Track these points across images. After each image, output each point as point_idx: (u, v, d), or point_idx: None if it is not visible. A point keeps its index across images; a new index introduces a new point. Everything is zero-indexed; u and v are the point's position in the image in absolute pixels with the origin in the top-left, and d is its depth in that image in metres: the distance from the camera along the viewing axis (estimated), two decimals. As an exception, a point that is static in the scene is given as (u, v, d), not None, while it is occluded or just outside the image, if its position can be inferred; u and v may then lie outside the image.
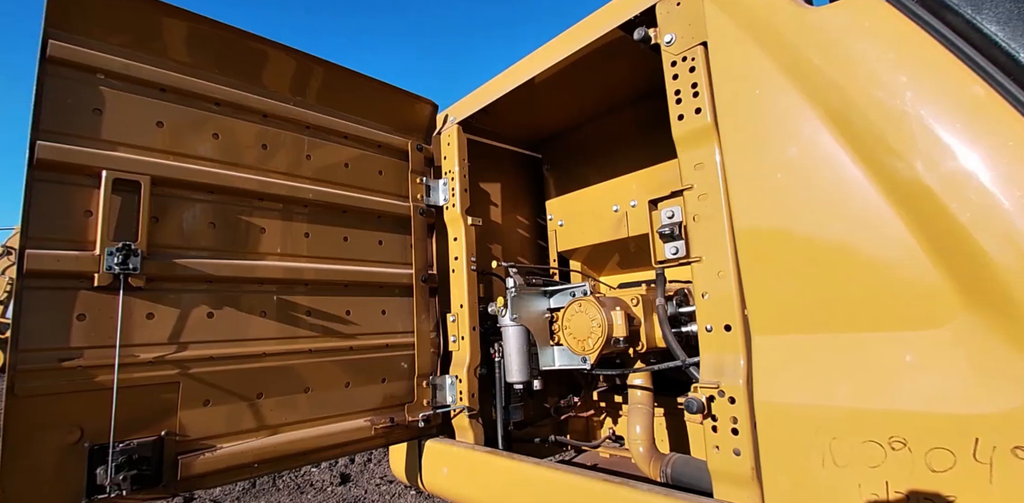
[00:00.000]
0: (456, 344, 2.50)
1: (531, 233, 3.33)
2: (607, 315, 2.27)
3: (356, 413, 2.18)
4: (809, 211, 1.39)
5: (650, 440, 2.42)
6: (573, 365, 2.35)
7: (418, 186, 2.60)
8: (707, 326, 1.59)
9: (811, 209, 1.39)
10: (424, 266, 2.52)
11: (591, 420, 3.27)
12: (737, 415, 1.48)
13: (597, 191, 3.03)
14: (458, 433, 2.46)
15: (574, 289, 2.41)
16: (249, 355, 1.91)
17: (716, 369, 1.56)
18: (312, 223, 2.18)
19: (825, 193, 1.37)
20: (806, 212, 1.39)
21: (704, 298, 1.61)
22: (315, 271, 2.13)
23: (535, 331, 2.39)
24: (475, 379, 2.45)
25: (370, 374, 2.26)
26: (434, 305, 2.56)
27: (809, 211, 1.39)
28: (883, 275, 1.28)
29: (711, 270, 1.60)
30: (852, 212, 1.33)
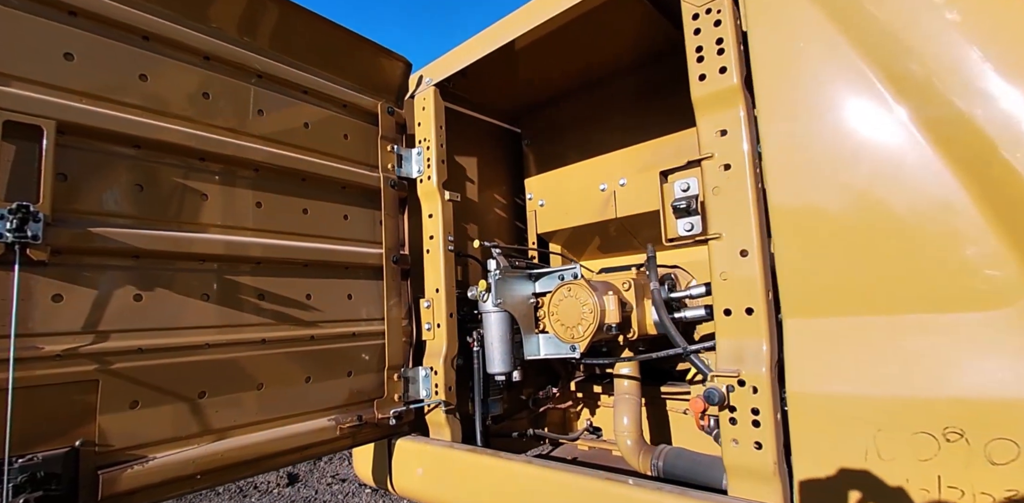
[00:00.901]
0: (431, 332, 2.25)
1: (508, 213, 3.10)
2: (599, 300, 2.08)
3: (318, 412, 1.90)
4: (862, 182, 1.22)
5: (639, 432, 2.27)
6: (560, 354, 2.15)
7: (389, 155, 2.30)
8: (725, 309, 1.42)
9: (864, 179, 1.22)
10: (395, 245, 2.25)
11: (567, 412, 3.10)
12: (759, 406, 1.32)
13: (582, 168, 2.83)
14: (433, 430, 2.22)
15: (563, 272, 2.20)
16: (188, 346, 1.59)
17: (735, 356, 1.39)
18: (265, 191, 1.86)
19: (880, 161, 1.21)
20: (858, 183, 1.23)
21: (723, 279, 1.43)
22: (269, 247, 1.82)
23: (519, 317, 2.17)
24: (452, 371, 2.21)
25: (334, 367, 1.97)
26: (406, 289, 2.29)
27: (862, 182, 1.22)
28: (944, 251, 1.13)
29: (732, 248, 1.42)
30: (912, 182, 1.17)
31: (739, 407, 1.35)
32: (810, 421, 1.19)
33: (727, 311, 1.42)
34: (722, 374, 1.38)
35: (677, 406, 2.69)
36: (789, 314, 1.27)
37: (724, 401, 1.34)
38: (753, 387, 1.33)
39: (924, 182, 1.16)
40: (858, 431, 1.12)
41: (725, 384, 1.36)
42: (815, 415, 1.18)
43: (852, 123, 1.25)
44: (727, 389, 1.36)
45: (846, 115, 1.26)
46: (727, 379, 1.37)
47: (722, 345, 1.42)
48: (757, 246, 1.39)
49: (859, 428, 1.12)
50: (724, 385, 1.36)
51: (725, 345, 1.41)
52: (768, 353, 1.34)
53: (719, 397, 1.34)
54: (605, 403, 2.99)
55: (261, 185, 1.85)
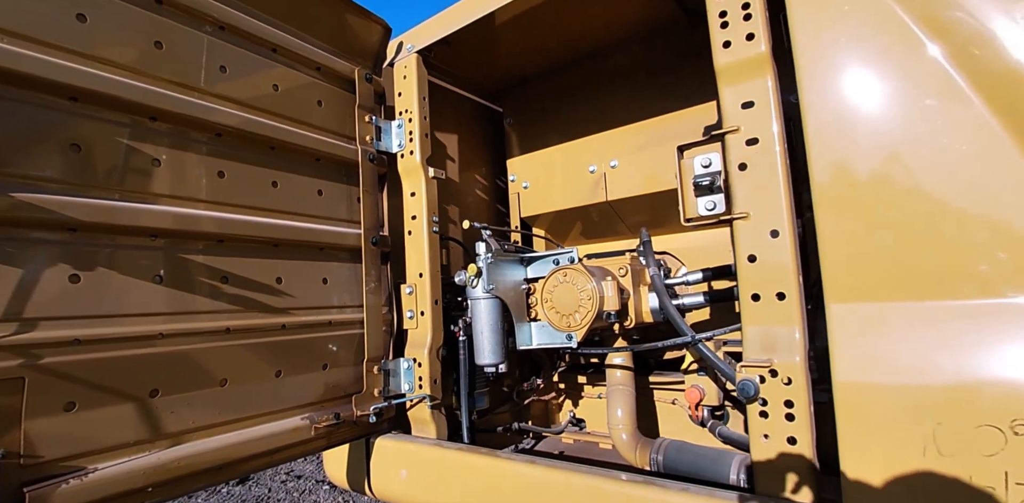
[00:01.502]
0: (414, 321, 2.06)
1: (490, 196, 2.92)
2: (598, 286, 1.95)
3: (290, 410, 1.69)
4: (921, 154, 1.12)
5: (634, 425, 2.17)
6: (555, 343, 2.02)
7: (367, 126, 2.08)
8: (753, 294, 1.31)
9: (923, 152, 1.12)
10: (374, 225, 2.04)
11: (550, 404, 2.98)
12: (793, 398, 1.23)
13: (570, 149, 2.68)
14: (416, 427, 2.04)
15: (558, 256, 2.05)
16: (136, 337, 1.35)
17: (766, 345, 1.28)
18: (228, 159, 1.62)
19: (941, 134, 1.11)
20: (916, 156, 1.13)
21: (750, 262, 1.32)
22: (233, 223, 1.58)
23: (510, 304, 2.02)
24: (437, 362, 2.03)
25: (308, 359, 1.77)
26: (386, 274, 2.09)
27: (921, 154, 1.12)
28: (1013, 230, 1.05)
29: (761, 228, 1.32)
30: (978, 157, 1.08)
31: (771, 400, 1.24)
32: (860, 414, 1.09)
33: (755, 296, 1.31)
34: (752, 364, 1.27)
35: (664, 396, 2.61)
36: (835, 299, 1.17)
37: (757, 393, 1.23)
38: (786, 378, 1.23)
39: (991, 158, 1.07)
40: (915, 424, 1.03)
41: (755, 375, 1.25)
42: (866, 407, 1.09)
43: (909, 93, 1.15)
44: (759, 380, 1.25)
45: (902, 84, 1.16)
46: (757, 369, 1.26)
47: (750, 333, 1.31)
48: (789, 226, 1.28)
49: (916, 421, 1.03)
50: (755, 376, 1.25)
51: (753, 333, 1.30)
52: (801, 341, 1.24)
53: (755, 389, 1.23)
54: (589, 394, 2.88)
55: (224, 152, 1.61)
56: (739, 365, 1.29)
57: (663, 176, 2.35)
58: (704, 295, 2.12)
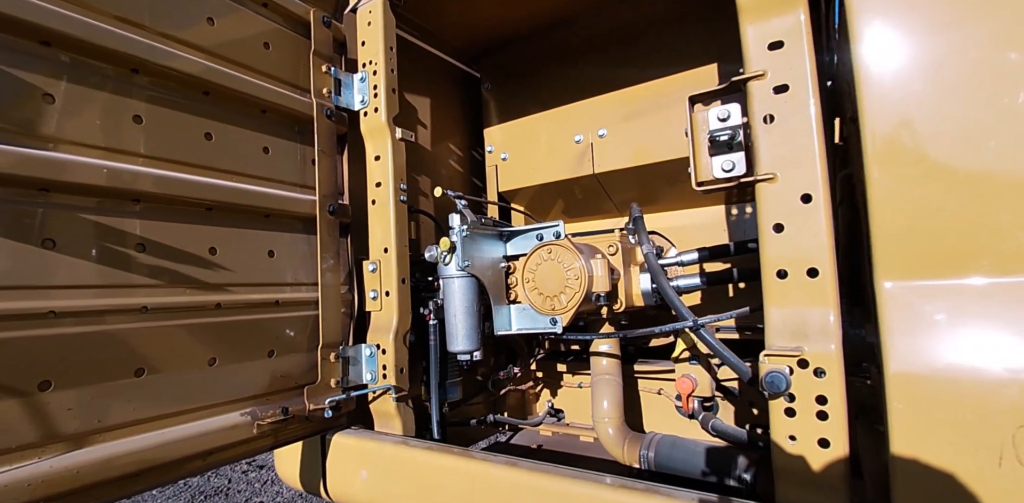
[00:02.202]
0: (377, 302, 1.81)
1: (465, 168, 2.67)
2: (586, 264, 1.74)
3: (227, 404, 1.44)
4: (1004, 99, 0.93)
5: (621, 418, 1.99)
6: (537, 328, 1.80)
7: (324, 77, 1.80)
8: (779, 270, 1.12)
9: (1007, 95, 0.93)
10: (332, 192, 1.77)
11: (526, 393, 2.78)
12: (827, 393, 1.04)
13: (554, 117, 2.45)
14: (379, 422, 1.81)
15: (541, 230, 1.83)
16: (18, 315, 1.07)
17: (794, 330, 1.09)
18: (146, 101, 1.33)
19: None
20: (1000, 102, 0.93)
21: (777, 232, 1.12)
22: (153, 179, 1.30)
23: (488, 284, 1.79)
24: (404, 349, 1.79)
25: (250, 345, 1.50)
26: (346, 248, 1.83)
27: (1004, 99, 0.93)
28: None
29: (790, 193, 1.12)
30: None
31: (799, 395, 1.06)
32: (918, 413, 0.91)
33: (781, 273, 1.11)
34: (778, 353, 1.07)
35: (650, 386, 2.44)
36: (888, 275, 0.98)
37: (788, 388, 1.04)
38: (818, 369, 1.04)
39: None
40: (990, 427, 0.85)
41: (785, 365, 1.06)
42: (926, 406, 0.90)
43: (990, 41, 0.95)
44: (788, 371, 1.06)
45: (982, 30, 0.96)
46: (784, 359, 1.07)
47: (775, 317, 1.11)
48: (823, 189, 1.09)
49: (992, 423, 0.85)
50: (785, 366, 1.06)
51: (779, 317, 1.11)
52: (836, 326, 1.05)
53: (787, 383, 1.03)
54: (568, 383, 2.69)
55: (140, 92, 1.32)
56: (763, 354, 1.09)
57: (656, 147, 2.14)
58: (701, 277, 1.93)
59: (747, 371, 1.49)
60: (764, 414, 2.23)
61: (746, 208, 2.29)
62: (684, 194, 2.31)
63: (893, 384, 0.92)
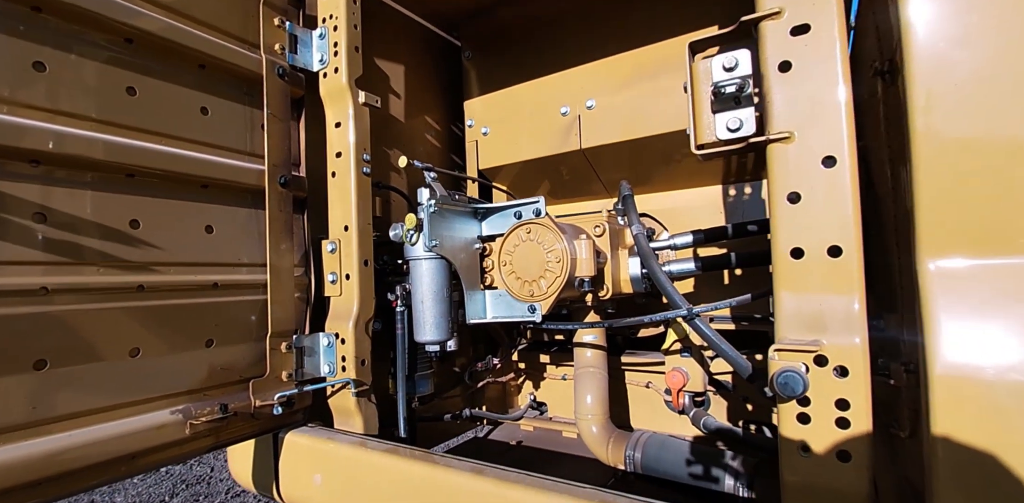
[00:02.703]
0: (337, 286, 1.62)
1: (443, 143, 2.47)
2: (569, 246, 1.56)
3: (154, 400, 1.25)
4: None
5: (606, 415, 1.83)
6: (514, 317, 1.63)
7: (277, 32, 1.59)
8: (794, 249, 0.94)
9: None
10: (284, 162, 1.57)
11: (507, 385, 2.62)
12: (850, 396, 0.87)
13: (539, 87, 2.25)
14: (339, 418, 1.63)
15: (520, 207, 1.64)
16: None
17: (811, 320, 0.92)
18: (52, 46, 1.12)
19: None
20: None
21: (792, 203, 0.95)
22: (58, 138, 1.10)
23: (460, 268, 1.61)
24: (367, 338, 1.61)
25: (183, 333, 1.31)
26: (301, 226, 1.64)
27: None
28: None
29: (810, 154, 0.94)
30: None
31: (816, 398, 0.89)
32: (976, 418, 0.74)
33: (797, 252, 0.94)
34: (791, 347, 0.90)
35: (637, 379, 2.28)
36: (934, 253, 0.81)
37: (805, 390, 0.87)
38: (839, 368, 0.88)
39: None
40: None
41: (800, 362, 0.89)
42: (985, 414, 0.73)
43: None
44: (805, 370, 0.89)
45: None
46: (798, 355, 0.90)
47: (787, 304, 0.94)
48: (850, 151, 0.91)
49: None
50: (801, 364, 0.89)
51: (792, 304, 0.94)
52: (861, 315, 0.89)
53: (803, 384, 0.86)
54: (552, 375, 2.54)
55: (45, 36, 1.11)
56: (773, 349, 0.92)
57: (649, 119, 1.96)
58: (695, 261, 1.76)
59: (746, 366, 1.32)
60: (761, 411, 2.10)
61: (745, 188, 2.11)
62: (679, 172, 2.14)
63: (940, 384, 0.75)
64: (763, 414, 2.03)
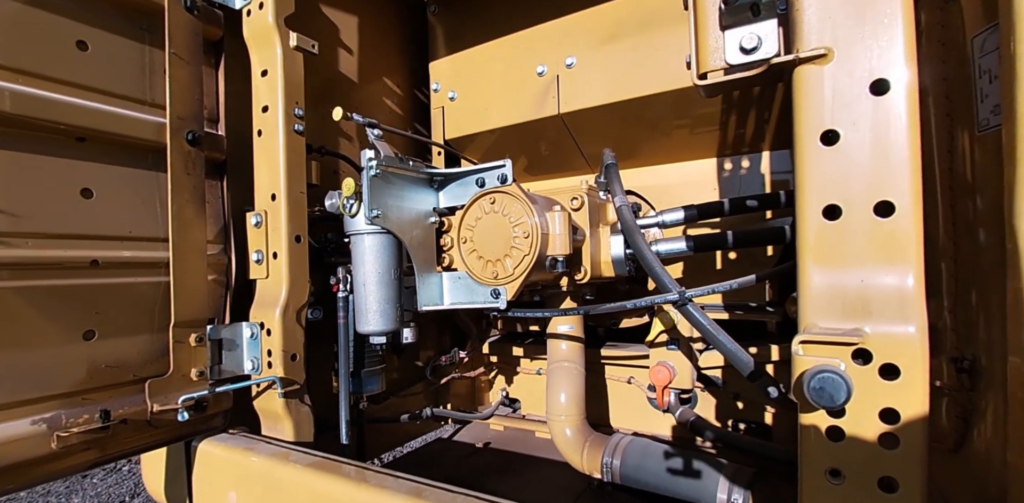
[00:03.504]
0: (263, 267, 1.36)
1: (406, 110, 2.19)
2: (541, 220, 1.31)
3: (8, 408, 0.98)
4: None
5: (582, 415, 1.60)
6: (475, 303, 1.38)
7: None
8: (829, 206, 0.70)
9: None
10: (195, 115, 1.29)
11: (478, 380, 2.38)
12: (900, 405, 0.64)
13: (513, 44, 1.98)
14: (266, 423, 1.38)
15: (483, 173, 1.39)
16: None
17: (850, 302, 0.69)
18: None
19: None
20: None
21: (827, 144, 0.71)
22: None
23: (412, 245, 1.35)
24: (300, 328, 1.35)
25: (51, 323, 1.04)
26: (219, 193, 1.36)
27: None
28: None
29: (853, 79, 0.70)
30: None
31: (854, 407, 0.66)
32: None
33: (831, 210, 0.70)
34: (821, 338, 0.67)
35: (618, 373, 2.06)
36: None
37: (848, 397, 0.63)
38: (887, 366, 0.65)
39: None
40: None
41: (836, 358, 0.66)
42: None
43: None
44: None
45: None
46: (831, 349, 0.67)
47: (816, 280, 0.70)
48: (907, 75, 0.67)
49: None
50: (837, 361, 0.65)
51: (824, 280, 0.70)
52: (918, 293, 0.65)
53: (846, 392, 0.62)
54: (526, 369, 2.30)
55: None
56: (798, 340, 0.68)
57: (637, 78, 1.71)
58: (686, 241, 1.53)
59: (747, 361, 1.09)
60: (753, 409, 1.89)
61: (742, 162, 1.88)
62: (669, 143, 1.90)
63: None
64: (755, 413, 1.82)
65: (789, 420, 1.74)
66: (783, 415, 1.76)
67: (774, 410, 1.77)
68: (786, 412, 1.77)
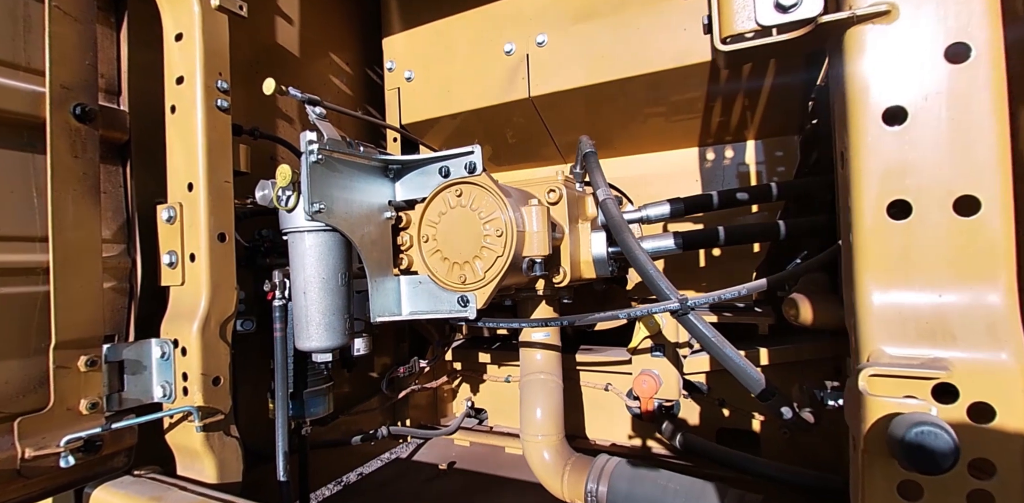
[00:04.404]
0: (177, 271, 1.12)
1: (356, 90, 1.96)
2: (516, 215, 1.12)
3: None
4: None
5: (561, 434, 1.43)
6: (440, 312, 1.19)
7: None
8: (894, 202, 0.55)
9: None
10: (86, 84, 1.03)
11: (440, 390, 2.19)
12: (995, 455, 0.50)
13: (475, 20, 1.78)
14: (182, 462, 1.14)
15: (447, 161, 1.19)
16: None
17: (923, 323, 0.54)
18: None
19: None
20: None
21: (890, 125, 0.56)
22: None
23: (362, 244, 1.14)
24: (224, 345, 1.12)
25: None
26: (120, 182, 1.11)
27: None
28: None
29: (924, 41, 0.55)
30: None
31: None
32: None
33: (898, 208, 0.55)
34: (895, 372, 0.51)
35: (593, 380, 1.91)
36: None
37: (958, 457, 0.47)
38: (977, 405, 0.50)
39: None
40: None
41: (900, 401, 0.50)
42: None
43: None
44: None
45: None
46: (905, 384, 0.51)
47: (878, 295, 0.56)
48: (990, 37, 0.52)
49: None
50: (915, 400, 0.50)
51: (889, 296, 0.55)
52: (1012, 310, 0.51)
53: (953, 453, 0.46)
54: (493, 376, 2.12)
55: None
56: (865, 373, 0.52)
57: (614, 57, 1.54)
58: (675, 238, 1.38)
59: (758, 379, 0.95)
60: (739, 417, 1.77)
61: (726, 151, 1.76)
62: (647, 131, 1.75)
63: None
64: (742, 420, 1.71)
65: (777, 428, 1.64)
66: (770, 422, 1.66)
67: (762, 417, 1.66)
68: (774, 419, 1.67)
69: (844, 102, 0.57)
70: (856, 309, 0.56)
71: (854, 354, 0.58)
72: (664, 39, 1.46)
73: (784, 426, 1.68)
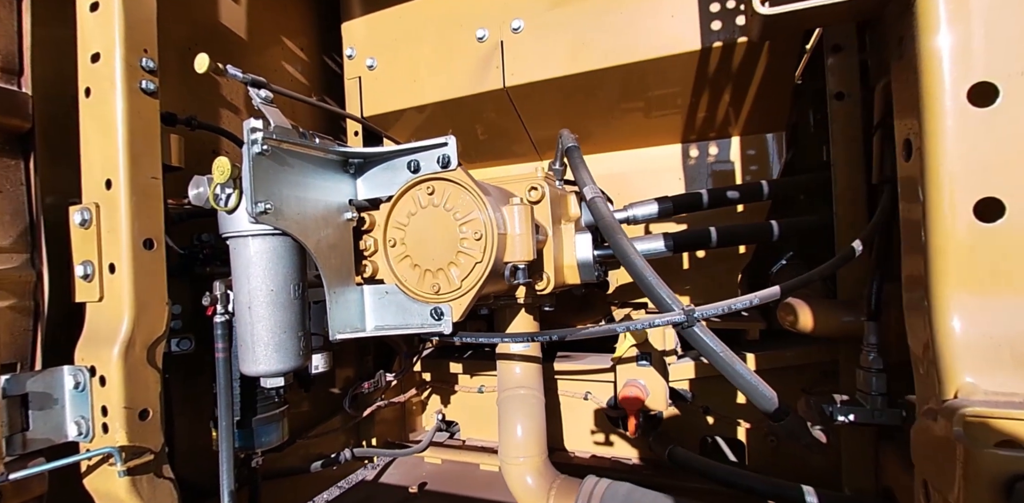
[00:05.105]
0: (94, 285, 0.93)
1: (312, 79, 1.79)
2: (496, 214, 1.00)
3: None
4: None
5: (543, 454, 1.31)
6: (411, 326, 1.05)
7: None
8: (981, 201, 0.46)
9: None
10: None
11: (409, 403, 2.03)
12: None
13: (443, 2, 1.64)
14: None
15: (417, 154, 1.05)
16: None
17: (999, 344, 0.43)
18: None
19: None
20: None
21: (978, 106, 0.45)
22: None
23: (319, 250, 0.99)
24: (154, 371, 0.95)
25: None
26: (20, 180, 0.93)
27: None
28: None
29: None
30: None
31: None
32: None
33: (988, 207, 0.45)
34: (1002, 414, 0.41)
35: (572, 389, 1.80)
36: None
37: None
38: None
39: None
40: None
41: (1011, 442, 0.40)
42: None
43: None
44: None
45: None
46: (1008, 425, 0.41)
47: (967, 316, 0.45)
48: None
49: None
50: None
51: (978, 317, 0.44)
52: None
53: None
54: (465, 386, 1.99)
55: None
56: (965, 413, 0.42)
57: (595, 45, 1.43)
58: (665, 239, 1.28)
59: (771, 397, 0.86)
60: (723, 424, 1.70)
61: (709, 148, 1.67)
62: (628, 125, 1.65)
63: None
64: (727, 428, 1.64)
65: (762, 437, 1.57)
66: (756, 430, 1.59)
67: (748, 425, 1.59)
68: (759, 428, 1.61)
69: (915, 78, 0.47)
70: (935, 332, 0.46)
71: (923, 384, 0.48)
72: (651, 26, 1.36)
73: (771, 434, 1.63)
